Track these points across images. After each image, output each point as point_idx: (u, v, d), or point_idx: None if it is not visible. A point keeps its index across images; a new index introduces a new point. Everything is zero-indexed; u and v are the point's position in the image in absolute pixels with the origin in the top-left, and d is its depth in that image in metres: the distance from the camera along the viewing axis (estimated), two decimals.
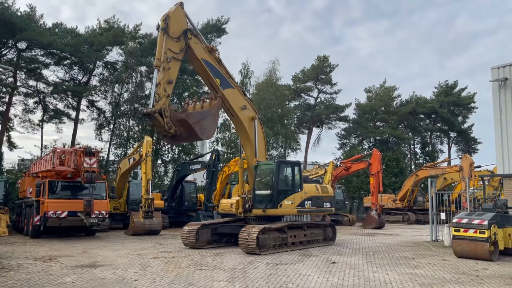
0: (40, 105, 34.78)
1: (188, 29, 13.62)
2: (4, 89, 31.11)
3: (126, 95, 36.18)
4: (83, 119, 36.42)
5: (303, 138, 48.76)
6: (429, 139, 54.77)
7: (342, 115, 50.78)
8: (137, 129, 35.86)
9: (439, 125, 53.82)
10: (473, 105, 52.45)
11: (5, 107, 31.98)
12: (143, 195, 19.48)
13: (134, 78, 35.55)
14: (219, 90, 14.34)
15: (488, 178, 23.70)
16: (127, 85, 35.94)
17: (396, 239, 19.38)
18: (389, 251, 14.49)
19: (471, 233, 12.31)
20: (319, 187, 16.60)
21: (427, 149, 52.16)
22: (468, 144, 53.48)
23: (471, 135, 53.27)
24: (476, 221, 12.28)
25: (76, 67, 35.04)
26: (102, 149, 27.89)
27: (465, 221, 12.62)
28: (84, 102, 36.36)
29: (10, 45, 31.13)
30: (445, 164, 33.83)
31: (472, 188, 20.94)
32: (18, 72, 31.90)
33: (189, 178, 28.03)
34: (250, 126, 15.41)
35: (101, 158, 30.88)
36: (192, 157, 34.85)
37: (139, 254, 13.27)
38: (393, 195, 35.28)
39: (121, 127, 36.30)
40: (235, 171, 24.87)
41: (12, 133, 34.43)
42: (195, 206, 26.65)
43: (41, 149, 33.58)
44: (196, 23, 30.98)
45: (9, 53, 31.89)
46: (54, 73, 34.98)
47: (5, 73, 30.62)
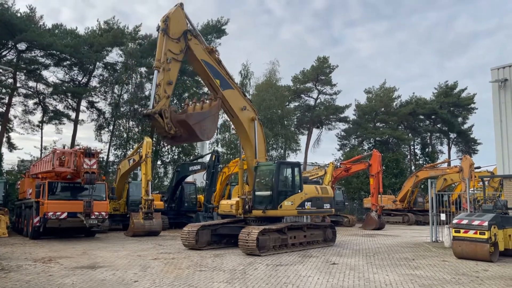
0: (40, 106, 34.78)
1: (188, 30, 13.63)
2: (4, 90, 31.09)
3: (126, 96, 36.28)
4: (82, 120, 36.47)
5: (303, 139, 48.84)
6: (429, 140, 54.77)
7: (342, 116, 50.86)
8: (137, 130, 35.86)
9: (439, 126, 53.82)
10: (473, 106, 52.47)
11: (5, 108, 31.99)
12: (143, 196, 19.46)
13: (134, 79, 35.60)
14: (219, 91, 14.35)
15: (488, 179, 23.62)
16: (127, 86, 35.98)
17: (396, 240, 19.37)
18: (389, 252, 14.48)
19: (471, 234, 12.30)
20: (319, 188, 16.58)
21: (427, 150, 52.16)
22: (468, 145, 53.47)
23: (471, 136, 53.31)
24: (476, 222, 12.25)
25: (76, 68, 35.04)
26: (102, 150, 27.85)
27: (465, 222, 12.60)
28: (84, 103, 36.39)
29: (10, 46, 31.15)
30: (445, 165, 33.86)
31: (472, 189, 20.89)
32: (18, 73, 31.93)
33: (189, 179, 28.04)
34: (250, 127, 15.41)
35: (101, 159, 30.88)
36: (192, 158, 34.83)
37: (139, 255, 13.26)
38: (393, 196, 35.23)
39: (121, 128, 36.35)
40: (235, 172, 24.88)
41: (12, 134, 34.50)
42: (195, 207, 26.63)
43: (41, 150, 33.56)
44: (196, 24, 31.03)
45: (9, 54, 31.92)
46: (54, 74, 35.14)
47: (5, 74, 30.58)
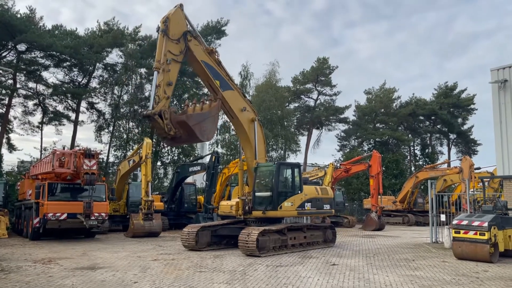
0: (40, 107, 34.80)
1: (188, 31, 13.64)
2: (3, 91, 31.11)
3: (125, 97, 36.30)
4: (82, 121, 36.49)
5: (303, 140, 48.92)
6: (429, 141, 54.80)
7: (342, 116, 50.94)
8: (136, 131, 35.87)
9: (438, 126, 53.86)
10: (472, 106, 52.52)
11: (4, 109, 32.01)
12: (143, 197, 19.42)
13: (133, 80, 35.60)
14: (218, 92, 14.36)
15: (488, 180, 23.66)
16: (126, 87, 35.98)
17: (396, 241, 19.36)
18: (389, 253, 14.47)
19: (471, 235, 12.29)
20: (319, 189, 16.58)
21: (427, 150, 52.17)
22: (468, 145, 53.52)
23: (471, 136, 53.38)
24: (476, 223, 12.25)
25: (76, 69, 35.08)
26: (101, 151, 27.73)
27: (465, 222, 12.59)
28: (83, 104, 36.42)
29: (9, 47, 31.18)
30: (445, 165, 33.87)
31: (472, 190, 20.91)
32: (17, 74, 31.96)
33: (189, 180, 28.03)
34: (249, 128, 15.42)
35: (101, 160, 30.87)
36: (191, 159, 34.83)
37: (138, 256, 13.25)
38: (393, 197, 35.27)
39: (121, 129, 36.37)
40: (234, 173, 24.91)
41: (11, 135, 34.50)
42: (194, 208, 26.63)
43: (41, 151, 33.55)
44: (196, 25, 31.01)
45: (8, 55, 31.96)
46: (53, 75, 35.23)
47: (5, 75, 30.63)
